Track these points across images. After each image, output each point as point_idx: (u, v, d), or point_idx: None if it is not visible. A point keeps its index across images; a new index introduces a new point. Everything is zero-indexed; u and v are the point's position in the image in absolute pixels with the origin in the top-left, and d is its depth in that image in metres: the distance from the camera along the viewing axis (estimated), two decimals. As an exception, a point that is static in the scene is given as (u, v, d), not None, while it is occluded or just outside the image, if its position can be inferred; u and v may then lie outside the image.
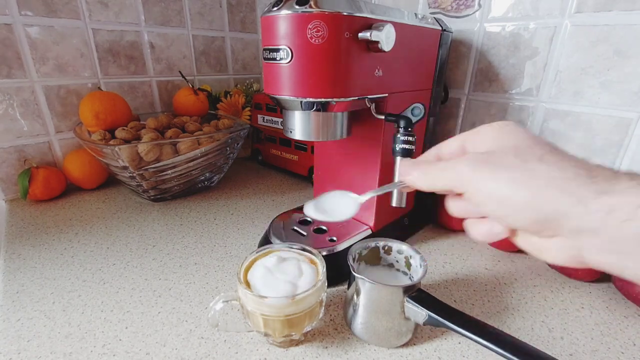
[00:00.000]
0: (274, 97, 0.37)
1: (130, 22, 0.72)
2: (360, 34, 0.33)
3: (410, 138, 0.35)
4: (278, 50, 0.34)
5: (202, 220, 0.59)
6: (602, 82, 0.47)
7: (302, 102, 0.36)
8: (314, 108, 0.36)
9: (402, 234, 0.54)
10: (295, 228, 0.48)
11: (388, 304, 0.33)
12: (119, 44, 0.72)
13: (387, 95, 0.41)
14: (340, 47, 0.33)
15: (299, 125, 0.39)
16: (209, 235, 0.55)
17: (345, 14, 0.32)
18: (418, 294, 0.33)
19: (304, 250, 0.37)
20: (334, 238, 0.46)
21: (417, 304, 0.31)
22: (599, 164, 0.20)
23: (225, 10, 0.86)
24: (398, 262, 0.39)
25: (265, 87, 0.38)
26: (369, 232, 0.48)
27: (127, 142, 0.59)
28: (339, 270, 0.41)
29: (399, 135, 0.35)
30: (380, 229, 0.49)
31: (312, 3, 0.31)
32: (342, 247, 0.44)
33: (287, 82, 0.35)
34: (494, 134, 0.23)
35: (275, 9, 0.33)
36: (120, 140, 0.59)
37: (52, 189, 0.65)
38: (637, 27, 0.43)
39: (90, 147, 0.59)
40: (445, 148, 0.26)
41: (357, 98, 0.37)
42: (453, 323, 0.30)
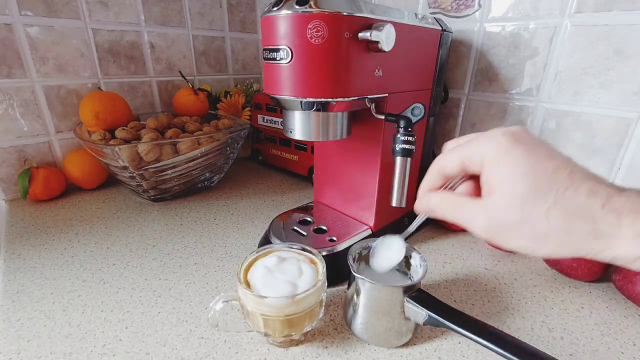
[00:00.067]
0: (274, 97, 0.37)
1: (130, 22, 0.72)
2: (360, 34, 0.33)
3: (410, 138, 0.35)
4: (278, 50, 0.34)
5: (202, 220, 0.59)
6: (602, 82, 0.47)
7: (302, 102, 0.36)
8: (314, 108, 0.37)
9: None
10: (295, 228, 0.48)
11: (388, 304, 0.33)
12: (119, 44, 0.72)
13: (387, 95, 0.41)
14: (340, 47, 0.33)
15: (299, 125, 0.39)
16: (209, 235, 0.55)
17: (345, 14, 0.32)
18: (418, 294, 0.33)
19: (304, 250, 0.37)
20: (334, 238, 0.46)
21: (417, 304, 0.31)
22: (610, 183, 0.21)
23: (225, 10, 0.86)
24: (398, 262, 0.39)
25: (265, 87, 0.38)
26: (369, 232, 0.48)
27: (127, 142, 0.59)
28: (339, 270, 0.41)
29: (399, 135, 0.36)
30: (380, 229, 0.49)
31: (312, 3, 0.31)
32: (342, 247, 0.44)
33: (287, 82, 0.35)
34: (493, 158, 0.23)
35: (275, 9, 0.33)
36: (120, 140, 0.59)
37: (52, 189, 0.65)
38: (637, 27, 0.43)
39: (90, 147, 0.59)
40: (449, 168, 0.26)
41: (357, 98, 0.37)
42: (453, 323, 0.30)
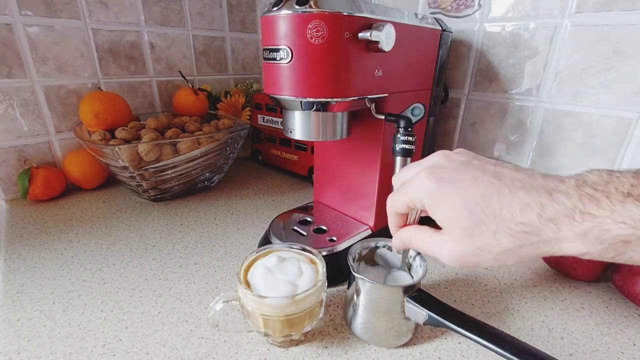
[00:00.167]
0: (274, 97, 0.37)
1: (130, 22, 0.72)
2: (360, 34, 0.33)
3: (410, 138, 0.35)
4: (278, 50, 0.34)
5: (202, 220, 0.59)
6: (602, 82, 0.47)
7: (302, 102, 0.36)
8: (314, 108, 0.37)
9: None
10: (295, 228, 0.48)
11: (388, 304, 0.33)
12: (119, 44, 0.72)
13: (387, 95, 0.41)
14: (340, 47, 0.33)
15: (299, 125, 0.39)
16: (209, 235, 0.55)
17: (345, 14, 0.32)
18: (418, 294, 0.33)
19: (304, 250, 0.37)
20: (334, 238, 0.46)
21: (417, 304, 0.31)
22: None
23: (225, 10, 0.86)
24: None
25: (265, 87, 0.38)
26: (369, 232, 0.48)
27: (127, 142, 0.59)
28: (339, 270, 0.41)
29: (399, 135, 0.35)
30: (380, 229, 0.49)
31: (312, 3, 0.31)
32: (342, 247, 0.44)
33: (287, 82, 0.35)
34: (428, 202, 0.26)
35: (275, 9, 0.33)
36: (120, 140, 0.59)
37: (52, 189, 0.65)
38: (637, 27, 0.43)
39: (90, 147, 0.59)
40: (400, 209, 0.30)
41: (357, 98, 0.37)
42: (453, 323, 0.30)
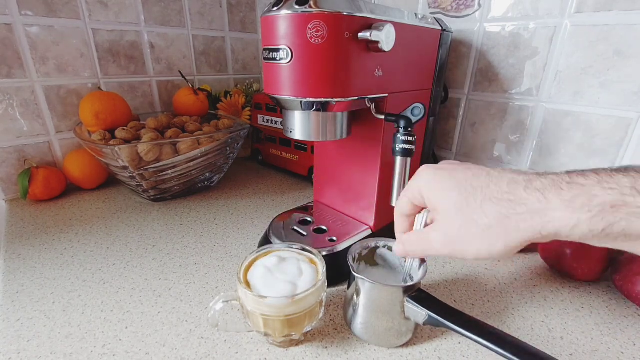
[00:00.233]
0: (274, 97, 0.37)
1: (130, 22, 0.72)
2: (360, 34, 0.33)
3: (410, 138, 0.35)
4: (278, 50, 0.34)
5: (202, 220, 0.59)
6: (602, 82, 0.47)
7: (302, 102, 0.36)
8: (314, 108, 0.37)
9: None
10: (295, 228, 0.48)
11: (388, 304, 0.33)
12: (119, 44, 0.72)
13: (387, 95, 0.41)
14: (340, 47, 0.33)
15: (299, 125, 0.39)
16: (209, 235, 0.55)
17: (345, 14, 0.32)
18: (418, 294, 0.33)
19: (304, 250, 0.37)
20: (334, 238, 0.46)
21: (417, 304, 0.31)
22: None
23: (225, 10, 0.86)
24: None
25: (265, 87, 0.38)
26: (369, 232, 0.48)
27: (127, 142, 0.59)
28: (339, 270, 0.41)
29: (399, 135, 0.35)
30: (380, 229, 0.49)
31: (312, 3, 0.31)
32: (342, 247, 0.44)
33: (287, 82, 0.35)
34: (426, 186, 0.28)
35: (275, 9, 0.33)
36: (120, 140, 0.59)
37: (52, 189, 0.65)
38: (637, 27, 0.43)
39: (90, 147, 0.59)
40: (405, 209, 0.31)
41: (357, 98, 0.37)
42: (453, 323, 0.30)
